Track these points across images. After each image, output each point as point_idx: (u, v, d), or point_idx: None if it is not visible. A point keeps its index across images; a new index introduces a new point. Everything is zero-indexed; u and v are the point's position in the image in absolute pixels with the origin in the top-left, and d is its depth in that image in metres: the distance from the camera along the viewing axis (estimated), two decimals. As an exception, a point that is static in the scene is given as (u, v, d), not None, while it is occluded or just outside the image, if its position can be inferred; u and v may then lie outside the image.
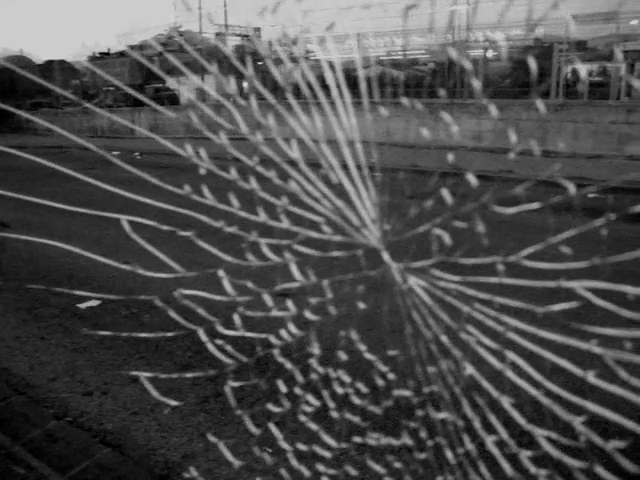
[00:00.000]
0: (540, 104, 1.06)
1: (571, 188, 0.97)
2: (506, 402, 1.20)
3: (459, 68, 22.24)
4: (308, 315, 1.42)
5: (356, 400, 1.44)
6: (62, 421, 3.59)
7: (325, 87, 1.17)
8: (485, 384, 1.22)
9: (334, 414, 1.52)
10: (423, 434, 1.37)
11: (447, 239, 1.13)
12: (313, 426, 1.56)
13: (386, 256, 1.25)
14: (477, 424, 1.25)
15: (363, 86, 1.18)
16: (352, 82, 1.14)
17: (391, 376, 1.36)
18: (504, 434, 1.22)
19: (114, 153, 17.45)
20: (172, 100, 30.65)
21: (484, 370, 1.23)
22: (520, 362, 1.15)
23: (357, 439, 1.50)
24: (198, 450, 3.29)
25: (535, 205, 1.03)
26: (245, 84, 1.38)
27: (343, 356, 1.42)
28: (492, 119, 16.76)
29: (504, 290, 1.14)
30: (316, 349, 1.47)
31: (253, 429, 1.75)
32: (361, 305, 1.34)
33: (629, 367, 1.05)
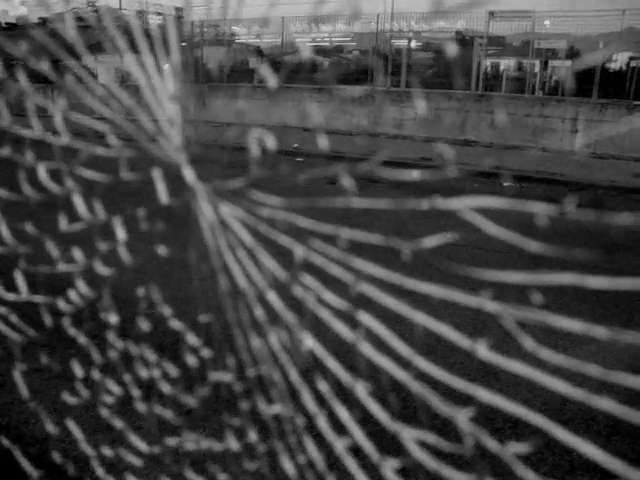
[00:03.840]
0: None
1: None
2: (361, 390, 0.82)
3: (382, 56, 22.21)
4: (99, 268, 0.99)
5: (165, 387, 1.02)
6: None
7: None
8: (331, 363, 0.83)
9: (140, 406, 1.09)
10: (252, 435, 0.96)
11: (271, 143, 0.73)
12: (117, 423, 1.13)
13: (189, 174, 0.83)
14: (322, 422, 0.86)
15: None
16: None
17: (205, 353, 0.95)
18: (359, 436, 0.84)
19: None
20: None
21: (329, 342, 0.84)
22: (380, 329, 0.76)
23: (171, 441, 1.08)
24: (102, 443, 2.90)
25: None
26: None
27: (144, 325, 1.00)
28: (414, 107, 16.80)
29: (354, 219, 0.75)
30: (112, 316, 1.04)
31: (50, 427, 1.31)
32: (161, 250, 0.92)
33: (538, 332, 0.70)
